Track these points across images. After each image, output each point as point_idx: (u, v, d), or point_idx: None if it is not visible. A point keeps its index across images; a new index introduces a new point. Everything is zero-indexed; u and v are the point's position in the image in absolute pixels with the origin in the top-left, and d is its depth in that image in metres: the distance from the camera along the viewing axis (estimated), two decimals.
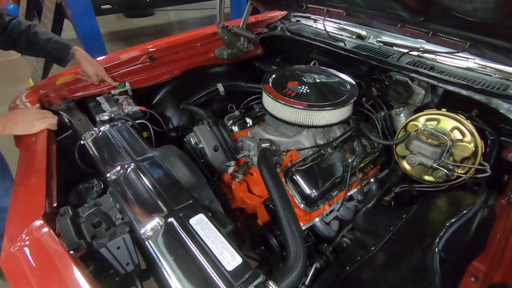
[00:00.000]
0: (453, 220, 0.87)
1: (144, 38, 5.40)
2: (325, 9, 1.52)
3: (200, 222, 0.79)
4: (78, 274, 0.66)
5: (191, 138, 1.27)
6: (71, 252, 0.73)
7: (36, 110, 1.21)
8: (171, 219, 0.79)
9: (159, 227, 0.78)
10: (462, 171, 1.11)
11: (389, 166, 1.37)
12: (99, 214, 0.84)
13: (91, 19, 2.93)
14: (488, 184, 1.10)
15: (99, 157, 1.02)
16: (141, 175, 0.93)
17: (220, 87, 1.67)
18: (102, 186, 1.02)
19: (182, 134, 1.43)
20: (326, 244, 1.13)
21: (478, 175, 1.08)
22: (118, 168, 0.96)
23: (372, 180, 1.35)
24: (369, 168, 1.33)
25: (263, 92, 1.24)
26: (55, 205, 0.87)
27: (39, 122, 1.13)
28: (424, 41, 1.31)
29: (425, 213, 1.05)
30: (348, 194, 1.25)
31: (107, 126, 1.15)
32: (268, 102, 1.22)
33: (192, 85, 1.69)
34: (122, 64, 1.56)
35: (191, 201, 0.85)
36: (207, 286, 0.65)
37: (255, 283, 0.66)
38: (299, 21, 1.97)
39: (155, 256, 0.72)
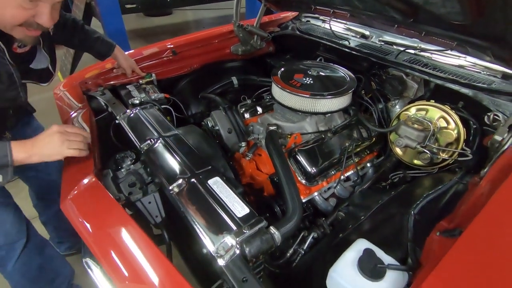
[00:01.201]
0: (429, 192, 1.02)
1: (163, 36, 5.66)
2: (331, 10, 1.68)
3: (216, 183, 0.97)
4: (125, 214, 0.85)
5: (208, 122, 1.46)
6: None
7: (58, 132, 1.00)
8: (193, 180, 0.97)
9: (183, 185, 0.96)
10: (446, 155, 1.25)
11: (385, 153, 1.52)
12: (135, 174, 1.04)
13: (117, 17, 3.18)
14: (472, 168, 1.24)
15: (132, 133, 1.22)
16: (168, 147, 1.12)
17: (234, 80, 1.85)
18: (135, 156, 1.22)
19: (199, 120, 1.63)
20: (324, 218, 1.30)
21: (461, 159, 1.22)
22: (149, 141, 1.15)
23: (368, 164, 1.51)
24: (366, 153, 1.48)
25: (272, 82, 1.41)
26: (99, 168, 1.07)
27: (65, 146, 0.99)
28: (418, 40, 1.46)
29: (410, 190, 1.20)
30: (345, 175, 1.41)
31: (138, 108, 1.35)
32: (276, 91, 1.39)
33: (209, 78, 1.88)
34: (149, 57, 1.76)
35: (209, 167, 1.04)
36: (221, 227, 0.83)
37: (259, 225, 0.83)
38: (308, 21, 2.13)
39: (180, 206, 0.91)
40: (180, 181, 0.97)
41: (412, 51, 1.55)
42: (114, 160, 1.17)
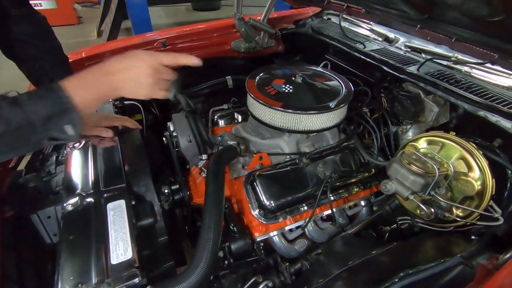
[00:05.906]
0: (410, 271, 0.68)
1: None
2: (345, 5, 1.36)
3: (116, 208, 0.76)
4: None
5: (170, 125, 1.25)
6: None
7: (148, 65, 0.75)
8: (90, 199, 0.78)
9: (77, 204, 0.77)
10: (461, 213, 0.87)
11: None
12: (35, 180, 0.87)
13: (143, 8, 3.16)
14: (503, 238, 0.85)
15: None
16: (93, 152, 0.95)
17: (229, 80, 1.62)
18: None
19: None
20: (288, 264, 1.01)
21: (483, 223, 0.84)
22: (78, 143, 0.99)
23: (362, 203, 1.17)
24: (360, 188, 1.15)
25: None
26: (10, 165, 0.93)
27: (158, 88, 0.77)
28: (450, 48, 1.07)
29: (397, 253, 0.86)
30: (325, 214, 1.10)
31: None
32: (248, 98, 1.13)
33: (202, 75, 1.67)
34: (135, 47, 1.61)
35: (122, 185, 0.83)
36: (82, 274, 0.62)
37: (128, 283, 0.60)
38: (329, 19, 1.81)
39: (60, 230, 0.72)
40: (76, 198, 0.78)
41: (444, 63, 1.17)
42: (42, 158, 1.03)
